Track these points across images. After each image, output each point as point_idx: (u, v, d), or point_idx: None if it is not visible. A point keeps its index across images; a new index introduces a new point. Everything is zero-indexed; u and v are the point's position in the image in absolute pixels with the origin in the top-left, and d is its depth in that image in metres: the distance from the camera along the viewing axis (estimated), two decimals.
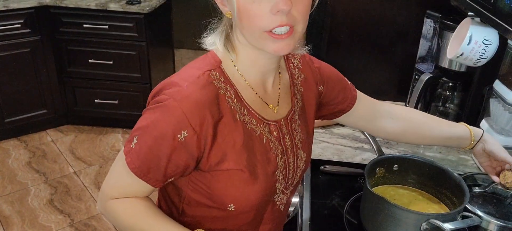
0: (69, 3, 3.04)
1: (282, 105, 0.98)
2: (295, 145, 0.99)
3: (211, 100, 0.85)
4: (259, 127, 0.92)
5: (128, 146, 0.87)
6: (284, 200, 1.01)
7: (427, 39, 1.61)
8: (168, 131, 0.83)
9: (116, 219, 0.94)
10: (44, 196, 2.81)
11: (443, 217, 0.97)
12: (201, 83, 0.86)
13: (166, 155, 0.85)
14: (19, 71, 3.15)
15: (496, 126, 1.34)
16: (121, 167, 0.89)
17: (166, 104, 0.83)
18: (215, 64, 0.89)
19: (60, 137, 3.42)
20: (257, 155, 0.91)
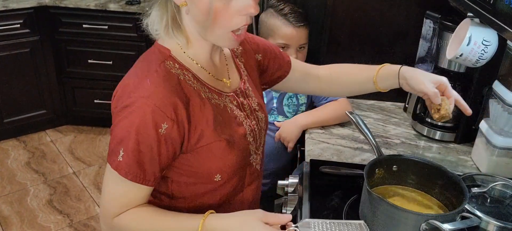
0: (68, 3, 3.04)
1: (232, 77, 1.06)
2: (253, 108, 1.08)
3: (175, 87, 0.90)
4: (221, 100, 0.99)
5: (115, 161, 0.89)
6: (258, 160, 1.10)
7: (426, 39, 1.61)
8: (150, 130, 0.86)
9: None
10: (43, 196, 2.81)
11: (442, 218, 0.97)
12: (162, 75, 0.90)
13: (156, 152, 0.89)
14: (19, 72, 3.14)
15: (496, 126, 1.34)
16: (114, 183, 0.92)
17: (138, 106, 0.86)
18: (166, 55, 0.93)
19: (59, 137, 3.42)
20: (228, 124, 0.98)
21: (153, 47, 0.97)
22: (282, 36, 1.57)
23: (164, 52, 0.94)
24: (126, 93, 0.89)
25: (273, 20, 1.59)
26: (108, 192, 0.94)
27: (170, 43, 0.95)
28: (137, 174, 0.90)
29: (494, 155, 1.32)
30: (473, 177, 1.27)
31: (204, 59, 0.98)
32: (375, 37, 1.69)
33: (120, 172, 0.89)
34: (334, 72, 1.30)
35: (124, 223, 0.95)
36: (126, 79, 0.93)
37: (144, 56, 0.97)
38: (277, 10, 1.59)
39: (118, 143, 0.88)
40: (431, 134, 1.57)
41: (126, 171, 0.89)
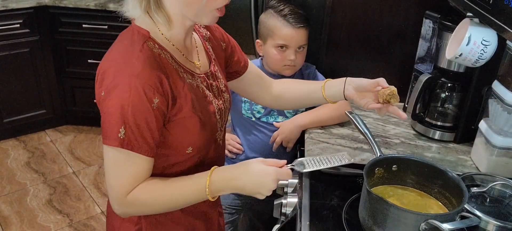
0: (68, 3, 3.04)
1: (202, 60, 1.13)
2: (221, 89, 1.15)
3: (159, 64, 0.95)
4: (194, 80, 1.05)
5: (118, 139, 0.92)
6: (221, 136, 1.19)
7: (426, 39, 1.61)
8: (145, 104, 0.92)
9: (144, 204, 1.01)
10: (43, 196, 2.81)
11: (442, 217, 0.97)
12: (146, 54, 0.94)
13: (154, 125, 0.95)
14: (18, 71, 3.14)
15: (495, 126, 1.34)
16: (120, 160, 0.96)
17: (129, 84, 0.91)
18: (146, 36, 0.98)
19: (59, 137, 3.42)
20: (200, 102, 1.05)
21: (131, 29, 1.01)
22: (281, 37, 1.57)
23: (144, 33, 0.98)
24: (112, 73, 0.93)
25: (272, 21, 1.59)
26: (115, 172, 0.97)
27: (148, 25, 0.99)
28: (142, 147, 0.95)
29: (493, 155, 1.33)
30: (472, 177, 1.27)
31: (179, 41, 1.04)
32: (375, 37, 1.69)
33: (126, 146, 0.93)
34: (285, 84, 1.38)
35: (138, 197, 0.99)
36: (110, 60, 0.97)
37: (123, 37, 1.01)
38: (277, 11, 1.59)
39: (116, 121, 0.92)
40: (430, 133, 1.57)
41: (132, 145, 0.93)
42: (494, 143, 1.31)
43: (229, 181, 1.05)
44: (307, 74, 1.69)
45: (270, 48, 1.61)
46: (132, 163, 0.96)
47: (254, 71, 1.35)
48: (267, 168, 1.04)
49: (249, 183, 1.04)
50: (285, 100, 1.37)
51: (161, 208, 1.06)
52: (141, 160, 0.97)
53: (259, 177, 1.03)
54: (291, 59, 1.59)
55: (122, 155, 0.95)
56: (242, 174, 1.04)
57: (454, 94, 1.53)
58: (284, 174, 1.05)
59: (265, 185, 1.03)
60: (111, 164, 0.98)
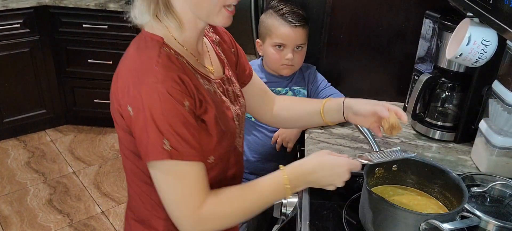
0: (68, 3, 3.04)
1: (215, 65, 1.08)
2: (236, 94, 1.11)
3: (179, 68, 0.90)
4: (211, 86, 1.01)
5: (165, 152, 0.85)
6: (241, 143, 1.14)
7: (426, 39, 1.61)
8: (178, 109, 0.86)
9: (223, 217, 0.95)
10: (43, 196, 2.81)
11: (442, 217, 0.97)
12: (165, 59, 0.89)
13: (191, 127, 0.89)
14: (18, 71, 3.14)
15: (495, 126, 1.34)
16: (176, 175, 0.89)
17: (156, 93, 0.85)
18: (160, 42, 0.93)
19: (59, 136, 3.42)
20: (219, 108, 0.99)
21: (142, 35, 0.96)
22: (278, 36, 1.58)
23: (158, 39, 0.93)
24: (134, 86, 0.87)
25: (271, 20, 1.59)
26: (175, 189, 0.90)
27: (159, 30, 0.94)
28: (191, 152, 0.88)
29: (493, 155, 1.33)
30: (472, 177, 1.27)
31: (192, 45, 1.00)
32: (375, 37, 1.69)
33: (176, 157, 0.86)
34: (286, 102, 1.35)
35: (216, 210, 0.93)
36: (127, 71, 0.91)
37: (136, 45, 0.95)
38: (275, 11, 1.60)
39: (156, 136, 0.85)
40: (430, 133, 1.57)
41: (182, 154, 0.87)
42: (494, 142, 1.31)
43: (306, 176, 1.02)
44: (308, 75, 1.69)
45: (268, 47, 1.61)
46: (187, 173, 0.89)
47: (258, 84, 1.30)
48: (340, 159, 1.03)
49: (325, 175, 1.02)
50: (283, 118, 1.34)
51: (240, 218, 0.99)
52: (195, 167, 0.90)
53: (334, 168, 1.02)
54: (288, 58, 1.59)
55: (174, 168, 0.88)
56: (318, 167, 1.02)
57: (454, 94, 1.53)
58: (356, 165, 1.04)
59: (340, 175, 1.02)
60: (166, 182, 0.90)
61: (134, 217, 1.08)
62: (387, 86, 1.78)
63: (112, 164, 3.13)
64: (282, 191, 1.00)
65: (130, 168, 1.02)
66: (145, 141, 0.87)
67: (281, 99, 1.36)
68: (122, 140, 0.98)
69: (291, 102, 1.37)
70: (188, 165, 0.89)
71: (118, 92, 0.91)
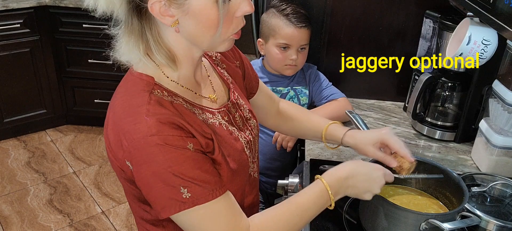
0: (68, 3, 3.04)
1: (218, 90, 1.00)
2: (245, 118, 1.03)
3: (174, 112, 0.83)
4: (215, 118, 0.93)
5: (187, 201, 0.80)
6: (255, 168, 1.06)
7: (426, 39, 1.61)
8: (184, 154, 0.80)
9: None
10: (43, 196, 2.81)
11: (442, 217, 0.97)
12: (156, 106, 0.81)
13: (203, 164, 0.83)
14: (19, 71, 3.15)
15: (495, 125, 1.34)
16: (205, 217, 0.83)
17: (152, 147, 0.78)
18: (151, 84, 0.85)
19: (59, 136, 3.42)
20: (226, 142, 0.92)
21: (131, 76, 0.87)
22: (283, 36, 1.57)
23: (148, 81, 0.85)
24: (128, 139, 0.79)
25: (275, 20, 1.59)
26: (215, 228, 0.84)
27: (150, 69, 0.86)
28: (214, 189, 0.82)
29: (493, 154, 1.33)
30: (473, 176, 1.27)
31: (188, 79, 0.92)
32: (375, 36, 1.69)
33: (200, 201, 0.80)
34: (290, 110, 1.29)
35: (263, 227, 0.89)
36: (117, 120, 0.82)
37: (124, 90, 0.86)
38: (279, 10, 1.59)
39: (171, 189, 0.79)
40: (431, 133, 1.57)
41: (205, 197, 0.81)
42: (495, 142, 1.31)
43: (344, 181, 0.97)
44: (309, 74, 1.69)
45: (272, 48, 1.61)
46: (218, 209, 0.83)
47: (264, 91, 1.25)
48: (375, 164, 1.00)
49: (361, 180, 0.98)
50: (284, 127, 1.31)
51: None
52: (222, 200, 0.84)
53: (370, 172, 0.99)
54: (292, 58, 1.59)
55: (203, 210, 0.82)
56: (354, 171, 0.98)
57: (454, 94, 1.53)
58: (389, 174, 1.01)
59: (377, 180, 0.98)
60: (200, 227, 0.83)
61: None
62: (387, 86, 1.78)
63: None
64: (326, 199, 0.95)
65: (137, 212, 0.97)
66: (158, 196, 0.81)
67: (286, 106, 1.30)
68: (126, 188, 0.93)
69: (295, 112, 1.30)
70: (215, 202, 0.82)
71: (112, 147, 0.84)
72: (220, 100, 0.99)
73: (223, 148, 0.90)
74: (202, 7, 0.79)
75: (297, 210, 0.92)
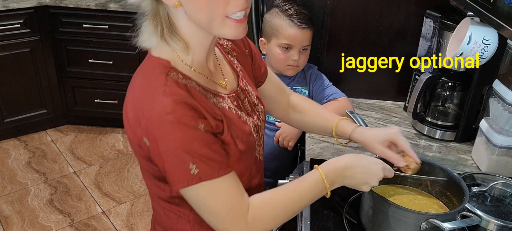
0: (69, 3, 3.04)
1: (228, 77, 1.05)
2: (253, 103, 1.08)
3: (188, 95, 0.88)
4: (225, 102, 0.99)
5: (195, 177, 0.86)
6: (261, 151, 1.12)
7: (426, 39, 1.61)
8: (194, 133, 0.85)
9: (268, 219, 0.95)
10: (44, 196, 2.81)
11: (443, 217, 0.98)
12: (173, 86, 0.87)
13: (212, 144, 0.88)
14: (19, 71, 3.15)
15: (496, 125, 1.34)
16: (213, 192, 0.89)
17: (167, 125, 0.84)
18: (168, 67, 0.90)
19: (60, 136, 3.42)
20: (235, 125, 0.97)
21: (149, 61, 0.94)
22: (286, 37, 1.57)
23: (164, 64, 0.91)
24: (145, 118, 0.86)
25: (278, 20, 1.59)
26: (216, 206, 0.90)
27: (167, 53, 0.92)
28: (220, 168, 0.88)
29: (494, 154, 1.33)
30: (473, 176, 1.27)
31: (201, 64, 0.97)
32: (375, 36, 1.69)
33: (205, 178, 0.87)
34: (302, 104, 1.31)
35: (258, 214, 0.93)
36: (136, 100, 0.89)
37: (143, 72, 0.93)
38: (282, 11, 1.59)
39: (181, 164, 0.86)
40: (431, 133, 1.57)
41: (211, 173, 0.87)
42: (495, 142, 1.31)
43: (342, 171, 1.00)
44: (309, 74, 1.69)
45: (274, 48, 1.61)
46: (222, 188, 0.89)
47: (274, 81, 1.27)
48: (374, 158, 1.02)
49: (360, 172, 1.00)
50: (295, 121, 1.33)
51: (284, 218, 0.98)
52: (227, 179, 0.90)
53: (369, 164, 1.01)
54: (294, 59, 1.59)
55: (208, 187, 0.88)
56: (352, 162, 1.01)
57: (454, 94, 1.53)
58: (388, 168, 1.03)
59: (375, 173, 1.00)
60: (205, 203, 0.90)
61: (161, 229, 1.09)
62: (387, 86, 1.78)
63: (113, 164, 3.13)
64: (322, 187, 0.99)
65: (152, 188, 1.02)
66: (171, 170, 0.87)
67: (296, 99, 1.32)
68: (144, 166, 0.98)
69: (305, 106, 1.32)
70: (220, 180, 0.88)
71: (130, 125, 0.90)
72: (229, 86, 1.04)
73: (232, 130, 0.95)
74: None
75: (293, 195, 0.98)
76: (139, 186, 2.93)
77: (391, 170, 1.04)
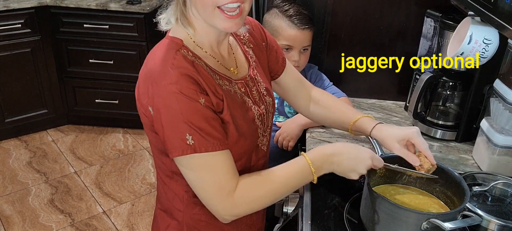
0: (69, 3, 3.04)
1: (240, 65, 1.09)
2: (262, 93, 1.11)
3: (194, 70, 0.93)
4: (231, 86, 1.02)
5: (189, 147, 0.91)
6: (265, 141, 1.14)
7: (427, 38, 1.61)
8: (193, 106, 0.90)
9: (254, 200, 0.99)
10: (44, 196, 2.81)
11: (444, 216, 0.97)
12: (180, 60, 0.93)
13: (211, 119, 0.93)
14: (20, 71, 3.15)
15: (496, 125, 1.34)
16: (204, 166, 0.93)
17: (170, 93, 0.89)
18: (179, 44, 0.97)
19: (60, 136, 3.43)
20: (238, 108, 1.01)
21: (165, 39, 1.01)
22: (286, 38, 1.57)
23: (177, 42, 0.98)
24: (152, 86, 0.92)
25: (278, 21, 1.59)
26: (206, 179, 0.94)
27: (181, 34, 0.99)
28: (215, 143, 0.92)
29: (495, 154, 1.32)
30: (474, 176, 1.27)
31: (211, 48, 1.03)
32: (376, 36, 1.69)
33: (200, 150, 0.91)
34: (324, 99, 1.34)
35: (246, 195, 0.97)
36: (148, 71, 0.95)
37: (158, 47, 1.00)
38: (282, 11, 1.59)
39: (178, 132, 0.91)
40: (432, 132, 1.57)
41: (206, 146, 0.91)
42: (496, 141, 1.31)
43: (328, 157, 1.03)
44: (310, 74, 1.69)
45: None
46: (214, 163, 0.94)
47: (293, 74, 1.31)
48: (363, 147, 1.05)
49: (347, 159, 1.03)
50: (316, 115, 1.35)
51: (270, 200, 1.02)
52: (221, 156, 0.94)
53: (358, 152, 1.03)
54: (295, 60, 1.59)
55: (201, 160, 0.93)
56: (340, 150, 1.03)
57: (455, 93, 1.53)
58: (378, 158, 1.05)
59: (363, 160, 1.03)
60: (195, 175, 0.95)
61: (160, 207, 1.15)
62: (388, 86, 1.78)
63: (114, 163, 3.13)
64: (308, 172, 1.02)
65: (157, 163, 1.08)
66: (169, 138, 0.92)
67: (318, 93, 1.35)
68: (150, 138, 1.03)
69: (328, 101, 1.35)
70: (213, 155, 0.93)
71: (140, 94, 0.96)
72: (239, 74, 1.08)
73: (232, 111, 0.99)
74: None
75: (281, 179, 1.02)
76: (140, 186, 2.93)
77: (380, 160, 1.06)
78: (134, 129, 3.50)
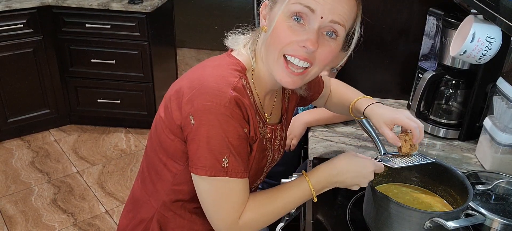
0: (71, 3, 3.05)
1: (274, 113, 1.11)
2: (281, 144, 1.16)
3: (248, 102, 0.95)
4: (263, 130, 1.04)
5: (223, 169, 0.91)
6: (264, 175, 1.17)
7: (429, 37, 1.61)
8: (239, 131, 0.92)
9: (257, 223, 0.99)
10: (47, 196, 2.82)
11: (447, 215, 0.97)
12: (240, 88, 0.93)
13: (247, 146, 0.96)
14: (22, 71, 3.15)
15: (500, 123, 1.33)
16: (229, 189, 0.94)
17: (223, 113, 0.89)
18: (242, 71, 0.98)
19: (63, 136, 3.43)
20: (259, 153, 1.03)
21: (228, 57, 1.01)
22: None
23: (242, 67, 0.99)
24: (200, 94, 0.90)
25: None
26: (222, 201, 0.95)
27: (245, 59, 1.01)
28: (244, 171, 0.94)
29: (498, 152, 1.32)
30: (477, 175, 1.27)
31: (260, 91, 1.03)
32: (378, 34, 1.68)
33: (231, 175, 0.92)
34: (339, 88, 1.37)
35: (250, 218, 0.97)
36: (200, 77, 0.93)
37: (218, 63, 0.98)
38: None
39: (218, 151, 0.90)
40: (435, 131, 1.56)
41: (236, 172, 0.93)
42: (499, 140, 1.31)
43: (331, 177, 1.04)
44: None
45: None
46: (236, 189, 0.94)
47: (326, 91, 1.35)
48: (365, 161, 1.05)
49: (351, 177, 1.04)
50: (333, 105, 1.38)
51: (271, 221, 1.03)
52: (243, 183, 0.95)
53: (360, 169, 1.04)
54: None
55: (226, 183, 0.93)
56: (344, 168, 1.04)
57: (458, 92, 1.53)
58: (380, 167, 1.06)
59: (366, 175, 1.04)
60: (215, 194, 0.95)
61: (131, 207, 1.18)
62: (390, 84, 1.77)
63: (116, 163, 3.14)
64: (308, 194, 1.03)
65: (155, 162, 1.06)
66: (203, 155, 0.91)
67: (334, 85, 1.37)
68: (162, 138, 1.00)
69: (335, 88, 1.38)
70: (238, 182, 0.94)
71: (179, 97, 0.94)
72: (271, 120, 1.10)
73: (256, 152, 1.02)
74: None
75: (282, 202, 1.02)
76: None
77: (382, 166, 1.07)
78: (136, 128, 3.50)
